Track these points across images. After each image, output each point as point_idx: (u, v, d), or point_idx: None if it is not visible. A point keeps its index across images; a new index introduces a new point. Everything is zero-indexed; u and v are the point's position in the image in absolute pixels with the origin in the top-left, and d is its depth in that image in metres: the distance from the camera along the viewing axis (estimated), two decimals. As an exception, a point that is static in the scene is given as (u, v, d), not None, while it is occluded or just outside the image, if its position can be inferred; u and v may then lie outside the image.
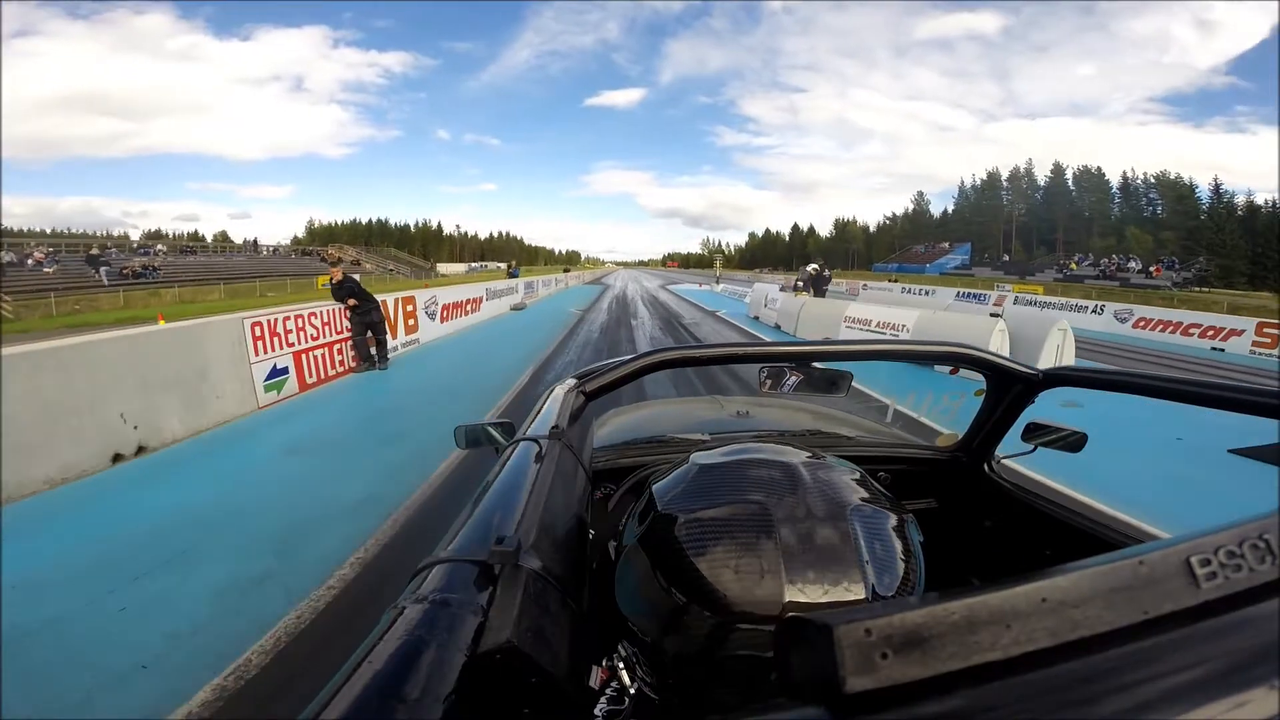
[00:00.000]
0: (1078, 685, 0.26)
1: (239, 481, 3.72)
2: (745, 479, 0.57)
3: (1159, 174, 65.50)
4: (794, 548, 0.50)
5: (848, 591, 0.49)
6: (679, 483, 0.60)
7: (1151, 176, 66.35)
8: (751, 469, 0.58)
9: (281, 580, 2.55)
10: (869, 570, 0.50)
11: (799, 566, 0.49)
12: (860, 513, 0.53)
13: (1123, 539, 0.99)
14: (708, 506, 0.55)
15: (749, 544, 0.51)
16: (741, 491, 0.55)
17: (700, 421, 1.94)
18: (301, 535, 2.95)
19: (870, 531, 0.52)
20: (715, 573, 0.50)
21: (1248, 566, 0.31)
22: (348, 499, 3.39)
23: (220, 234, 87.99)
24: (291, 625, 2.25)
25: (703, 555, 0.51)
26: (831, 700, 0.26)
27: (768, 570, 0.49)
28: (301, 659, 2.08)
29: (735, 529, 0.52)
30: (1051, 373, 1.12)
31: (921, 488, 1.34)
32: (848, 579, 0.49)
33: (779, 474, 0.57)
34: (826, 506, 0.53)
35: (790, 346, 1.15)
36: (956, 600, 0.28)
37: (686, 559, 0.52)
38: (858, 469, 0.62)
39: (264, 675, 2.00)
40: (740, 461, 0.60)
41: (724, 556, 0.51)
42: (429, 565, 0.51)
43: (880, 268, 69.61)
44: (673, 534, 0.55)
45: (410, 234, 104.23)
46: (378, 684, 0.36)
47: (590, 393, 1.06)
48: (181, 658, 2.06)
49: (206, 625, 2.24)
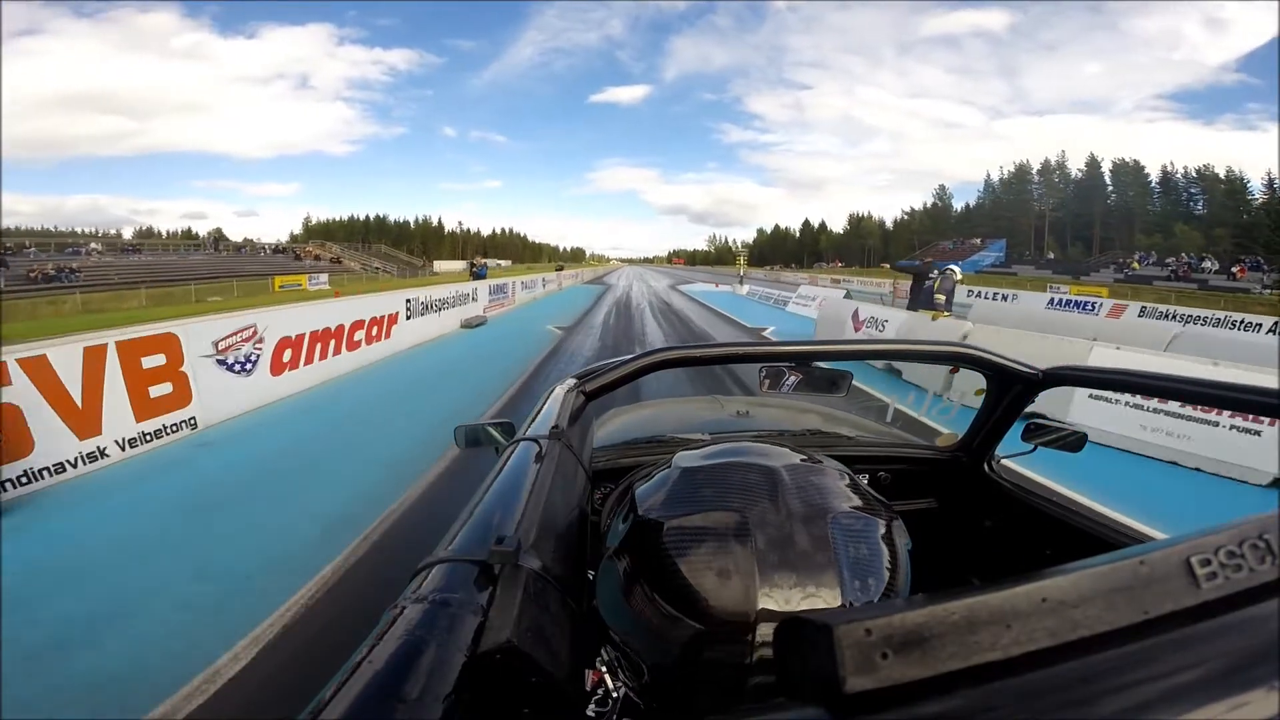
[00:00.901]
0: (1078, 685, 0.26)
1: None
2: (725, 483, 0.56)
3: (1201, 167, 61.11)
4: (769, 555, 0.49)
5: (822, 600, 0.48)
6: (659, 486, 0.59)
7: (1193, 170, 61.89)
8: (733, 473, 0.57)
9: None
10: (846, 578, 0.48)
11: (773, 574, 0.48)
12: (840, 520, 0.52)
13: (1123, 539, 0.99)
14: (684, 513, 0.54)
15: (722, 552, 0.50)
16: (720, 497, 0.54)
17: (700, 421, 1.95)
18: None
19: (850, 539, 0.51)
20: (688, 580, 0.49)
21: (1248, 566, 0.31)
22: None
23: (214, 231, 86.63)
24: None
25: (676, 562, 0.50)
26: (831, 700, 0.26)
27: (741, 579, 0.48)
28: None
29: (709, 536, 0.51)
30: (1052, 372, 1.12)
31: (921, 488, 1.35)
32: (823, 587, 0.48)
33: (759, 478, 0.55)
34: (805, 512, 0.52)
35: (790, 346, 1.17)
36: (956, 600, 0.28)
37: (661, 565, 0.51)
38: (846, 472, 0.60)
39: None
40: (722, 465, 0.59)
41: (698, 564, 0.50)
42: (429, 565, 0.50)
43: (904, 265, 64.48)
44: (649, 540, 0.53)
45: (410, 231, 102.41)
46: (378, 684, 0.36)
47: (590, 392, 1.06)
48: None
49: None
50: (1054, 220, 69.60)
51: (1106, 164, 67.52)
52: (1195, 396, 0.88)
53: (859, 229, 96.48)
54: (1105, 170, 67.56)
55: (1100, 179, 67.67)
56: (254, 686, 1.92)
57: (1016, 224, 71.56)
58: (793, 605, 0.47)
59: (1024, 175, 74.20)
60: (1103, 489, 3.37)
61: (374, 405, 5.61)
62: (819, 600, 0.47)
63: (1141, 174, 65.37)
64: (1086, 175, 68.73)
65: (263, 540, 2.84)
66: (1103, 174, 67.74)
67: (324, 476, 3.68)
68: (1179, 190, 63.28)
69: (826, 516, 0.52)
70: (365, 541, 2.83)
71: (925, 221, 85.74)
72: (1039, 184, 73.05)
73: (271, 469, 3.83)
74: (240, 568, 2.59)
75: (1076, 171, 70.08)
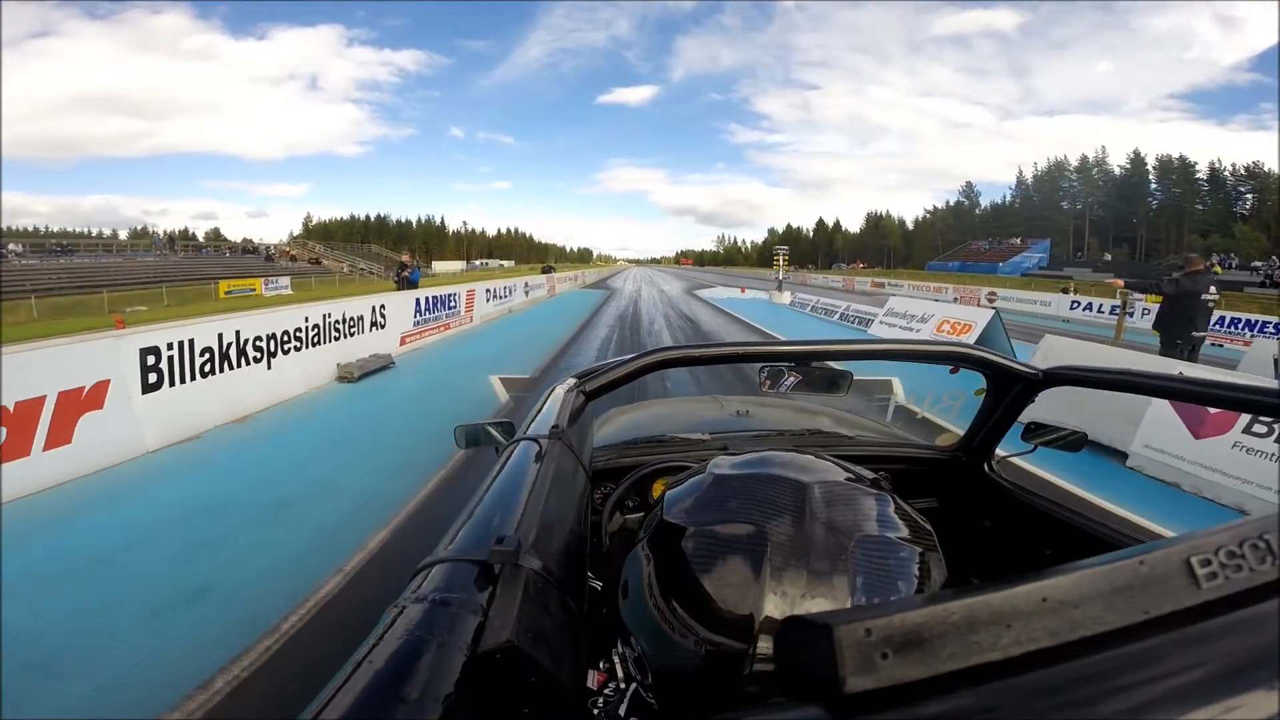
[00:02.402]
0: (1078, 685, 0.26)
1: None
2: (753, 496, 0.55)
3: (1251, 164, 56.10)
4: (783, 572, 0.49)
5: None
6: (690, 492, 0.59)
7: (1242, 168, 56.87)
8: (763, 485, 0.56)
9: None
10: (858, 600, 0.48)
11: (784, 590, 0.48)
12: (865, 544, 0.50)
13: (1123, 539, 0.99)
14: (706, 520, 0.54)
15: (735, 563, 0.50)
16: (745, 509, 0.54)
17: (701, 421, 1.91)
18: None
19: (872, 564, 0.49)
20: (697, 586, 0.50)
21: (1248, 566, 0.31)
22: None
23: (212, 232, 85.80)
24: None
25: (689, 568, 0.51)
26: (831, 700, 0.26)
27: (749, 591, 0.48)
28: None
29: (724, 546, 0.51)
30: (1052, 372, 1.12)
31: (922, 487, 1.34)
32: (830, 607, 0.48)
33: (788, 493, 0.54)
34: (828, 533, 0.51)
35: (790, 346, 1.16)
36: (957, 600, 0.28)
37: (674, 569, 0.52)
38: (888, 494, 0.57)
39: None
40: (753, 476, 0.58)
41: (708, 572, 0.50)
42: (429, 565, 0.50)
43: (937, 266, 59.81)
44: (669, 545, 0.54)
45: (411, 230, 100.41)
46: (378, 684, 0.36)
47: (590, 392, 1.06)
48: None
49: None
50: (1094, 220, 64.71)
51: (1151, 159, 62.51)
52: (1196, 396, 0.89)
53: (878, 228, 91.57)
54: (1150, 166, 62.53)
55: (1144, 176, 62.66)
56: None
57: (1053, 223, 66.58)
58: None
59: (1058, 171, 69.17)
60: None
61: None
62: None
63: (1188, 171, 60.31)
64: (1130, 172, 63.65)
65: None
66: (1147, 170, 62.72)
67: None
68: (1228, 188, 58.31)
69: (851, 539, 0.50)
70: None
71: (949, 220, 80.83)
72: (1077, 180, 68.00)
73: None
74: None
75: (1118, 168, 65.14)
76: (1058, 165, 69.80)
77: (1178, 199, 60.13)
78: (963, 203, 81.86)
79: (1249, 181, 57.57)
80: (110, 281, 25.36)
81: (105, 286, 23.40)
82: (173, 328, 4.61)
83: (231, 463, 3.92)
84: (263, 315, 5.62)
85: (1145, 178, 63.21)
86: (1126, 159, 64.73)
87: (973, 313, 9.22)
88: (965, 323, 8.62)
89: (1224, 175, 59.20)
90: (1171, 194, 61.02)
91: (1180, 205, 59.25)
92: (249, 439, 4.45)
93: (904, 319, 10.56)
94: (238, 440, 4.40)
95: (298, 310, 6.16)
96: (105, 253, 34.70)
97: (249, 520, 3.04)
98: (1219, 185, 59.32)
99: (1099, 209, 65.02)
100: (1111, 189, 64.34)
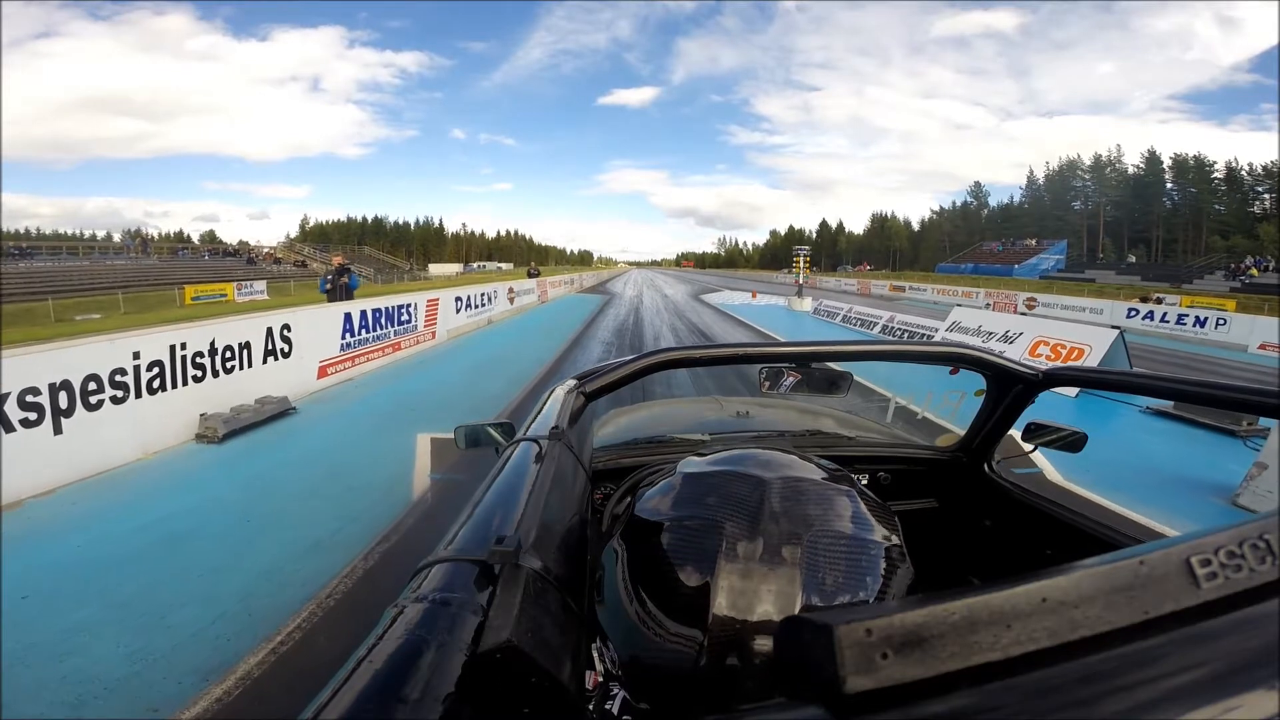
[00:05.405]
0: (1078, 685, 0.26)
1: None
2: (715, 491, 0.56)
3: (1270, 164, 54.25)
4: (735, 566, 0.50)
5: (776, 615, 0.48)
6: (658, 490, 0.60)
7: (1260, 168, 54.97)
8: (725, 482, 0.57)
9: None
10: (808, 594, 0.49)
11: (735, 584, 0.49)
12: (817, 540, 0.51)
13: (1123, 539, 0.99)
14: (668, 515, 0.56)
15: (690, 557, 0.51)
16: (706, 505, 0.55)
17: (701, 422, 1.93)
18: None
19: (824, 559, 0.50)
20: (657, 579, 0.52)
21: (1248, 566, 0.30)
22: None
23: (207, 234, 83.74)
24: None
25: (650, 560, 0.53)
26: (831, 700, 0.26)
27: (701, 585, 0.49)
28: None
29: (682, 540, 0.53)
30: (1052, 372, 1.12)
31: (922, 487, 1.35)
32: (780, 601, 0.48)
33: (748, 489, 0.55)
34: (783, 528, 0.51)
35: (790, 347, 1.16)
36: (956, 600, 0.28)
37: (637, 561, 0.54)
38: (852, 487, 0.58)
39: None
40: (719, 473, 0.59)
41: (666, 565, 0.52)
42: (429, 565, 0.50)
43: (948, 269, 57.66)
44: (636, 542, 0.56)
45: (409, 232, 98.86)
46: (378, 684, 0.36)
47: (590, 393, 1.05)
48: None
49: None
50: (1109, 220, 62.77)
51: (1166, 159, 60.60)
52: (1196, 396, 0.89)
53: (883, 230, 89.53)
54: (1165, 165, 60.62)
55: (1160, 175, 60.73)
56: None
57: (1065, 223, 64.63)
58: (749, 616, 0.48)
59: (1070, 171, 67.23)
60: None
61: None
62: (773, 614, 0.48)
63: (1204, 170, 58.41)
64: (1146, 171, 61.71)
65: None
66: (1163, 170, 60.80)
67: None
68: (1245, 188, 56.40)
69: (803, 535, 0.51)
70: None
71: (957, 221, 78.84)
72: (1090, 180, 66.02)
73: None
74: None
75: (1132, 168, 63.18)
76: (1070, 165, 67.85)
77: (1195, 199, 58.20)
78: (970, 203, 79.93)
79: (1266, 181, 55.66)
80: (69, 287, 23.38)
81: (64, 292, 21.43)
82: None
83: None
84: (81, 347, 3.60)
85: (1161, 177, 61.30)
86: (1141, 158, 62.80)
87: (1086, 333, 7.14)
88: (1076, 346, 6.61)
89: (1241, 175, 57.28)
90: (1188, 194, 59.11)
91: (1198, 205, 57.30)
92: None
93: (978, 336, 8.52)
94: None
95: (155, 336, 4.13)
96: (70, 255, 32.51)
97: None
98: (1236, 185, 57.40)
99: (1112, 209, 63.08)
100: (1126, 189, 62.35)
